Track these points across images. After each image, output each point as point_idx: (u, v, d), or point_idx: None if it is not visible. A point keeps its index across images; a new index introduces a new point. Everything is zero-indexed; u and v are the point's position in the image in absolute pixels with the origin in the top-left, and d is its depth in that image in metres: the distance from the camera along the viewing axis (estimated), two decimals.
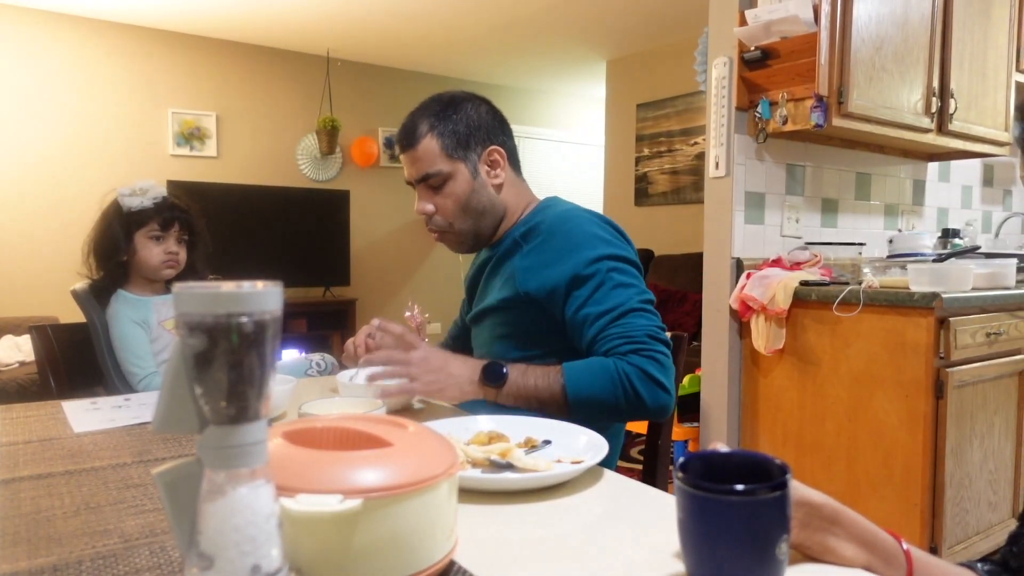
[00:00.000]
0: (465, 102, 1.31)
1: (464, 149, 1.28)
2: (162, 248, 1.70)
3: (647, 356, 1.12)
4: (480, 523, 0.70)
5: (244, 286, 0.40)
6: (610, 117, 5.54)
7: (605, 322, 1.16)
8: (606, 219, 1.32)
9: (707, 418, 2.57)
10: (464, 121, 1.28)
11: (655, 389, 1.11)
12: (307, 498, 0.50)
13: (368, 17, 4.50)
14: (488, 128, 1.31)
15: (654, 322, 1.18)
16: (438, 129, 1.27)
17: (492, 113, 1.34)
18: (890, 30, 2.37)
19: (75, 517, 0.69)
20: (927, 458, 2.02)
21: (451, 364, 1.14)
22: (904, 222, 3.11)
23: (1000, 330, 2.19)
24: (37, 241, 4.31)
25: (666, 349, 1.15)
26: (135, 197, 1.68)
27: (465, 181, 1.28)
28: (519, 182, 1.38)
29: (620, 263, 1.22)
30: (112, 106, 4.58)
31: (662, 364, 1.13)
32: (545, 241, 1.26)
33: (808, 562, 0.61)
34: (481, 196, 1.30)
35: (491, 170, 1.32)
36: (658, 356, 1.13)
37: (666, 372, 1.13)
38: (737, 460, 0.58)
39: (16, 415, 1.14)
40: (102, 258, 1.69)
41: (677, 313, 4.21)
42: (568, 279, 1.20)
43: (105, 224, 1.69)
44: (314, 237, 5.02)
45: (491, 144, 1.31)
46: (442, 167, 1.27)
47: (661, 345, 1.15)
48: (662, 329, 1.18)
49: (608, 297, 1.18)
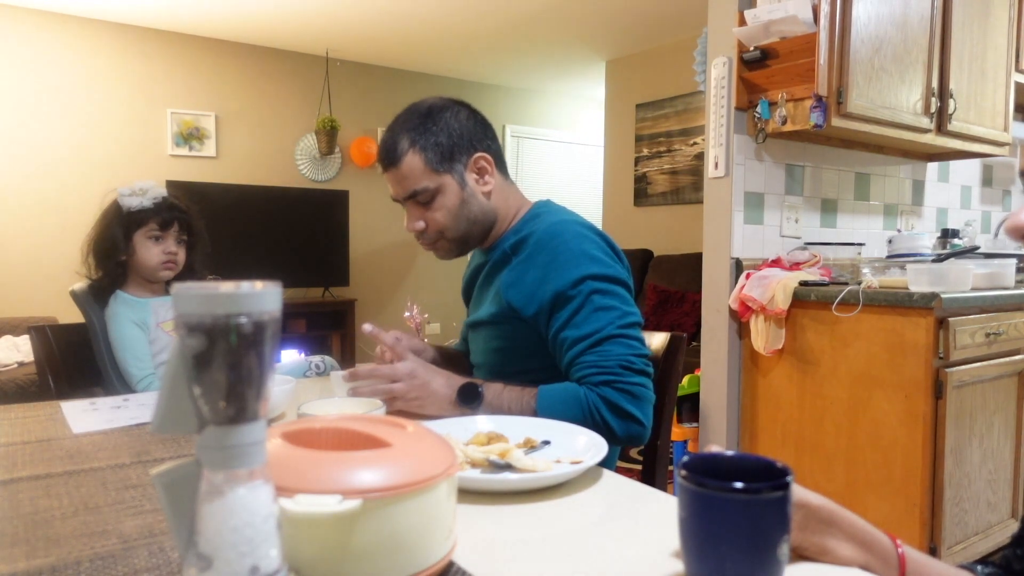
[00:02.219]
0: (444, 111, 1.26)
1: (449, 161, 1.24)
2: (161, 248, 1.70)
3: (618, 388, 1.10)
4: (479, 523, 0.70)
5: (243, 286, 0.40)
6: (609, 117, 5.54)
7: (581, 348, 1.14)
8: (598, 232, 1.27)
9: (706, 418, 2.57)
10: (446, 131, 1.24)
11: (626, 421, 1.10)
12: (306, 498, 0.50)
13: (368, 17, 4.50)
14: (471, 135, 1.26)
15: (633, 350, 1.14)
16: (420, 143, 1.22)
17: (473, 117, 1.29)
18: (889, 30, 2.38)
19: (74, 518, 0.69)
20: (926, 458, 2.02)
21: (434, 381, 1.13)
22: (903, 222, 3.11)
23: (999, 330, 2.19)
24: (36, 241, 4.31)
25: (642, 379, 1.13)
26: (135, 197, 1.68)
27: (454, 193, 1.25)
28: (508, 185, 1.34)
29: (605, 283, 1.18)
30: (111, 106, 4.57)
31: (635, 395, 1.11)
32: (531, 256, 1.23)
33: (806, 561, 0.61)
34: (472, 206, 1.27)
35: (480, 178, 1.28)
36: (631, 388, 1.11)
37: (639, 403, 1.11)
38: (739, 462, 0.58)
39: (15, 416, 1.14)
40: (101, 258, 1.69)
41: (676, 313, 4.21)
42: (551, 298, 1.18)
43: (104, 224, 1.69)
44: (313, 237, 5.01)
45: (476, 151, 1.26)
46: (428, 183, 1.23)
47: (635, 375, 1.12)
48: (642, 357, 1.15)
49: (587, 321, 1.15)
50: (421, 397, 1.12)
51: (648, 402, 1.14)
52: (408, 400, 1.11)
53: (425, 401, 1.12)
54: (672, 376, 1.39)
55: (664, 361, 1.40)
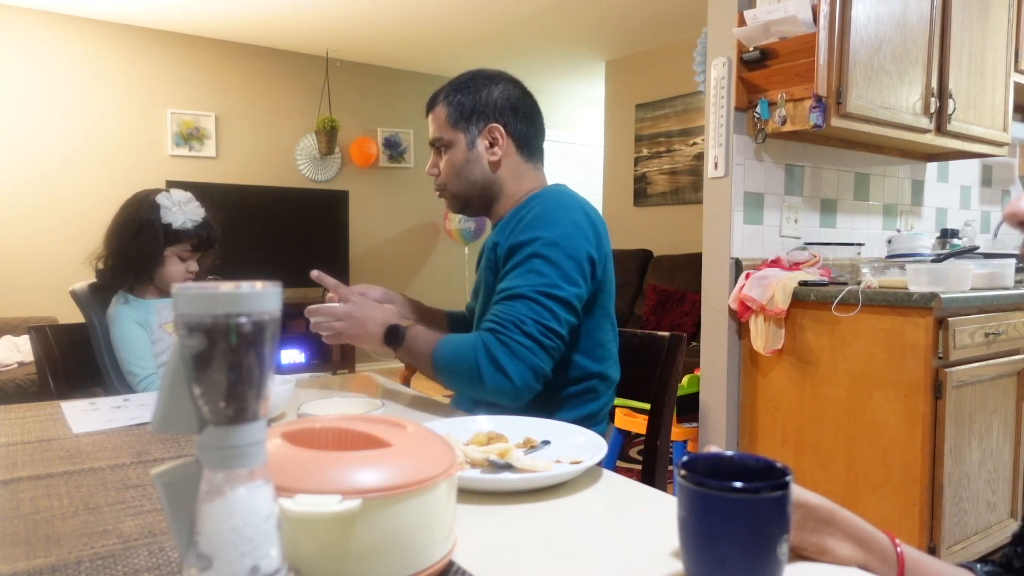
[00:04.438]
0: (488, 80, 1.37)
1: (466, 122, 1.35)
2: (186, 267, 1.70)
3: (501, 340, 1.15)
4: (479, 523, 0.70)
5: (243, 287, 0.40)
6: (609, 117, 5.54)
7: (496, 300, 1.22)
8: (588, 213, 1.30)
9: (706, 418, 2.57)
10: (474, 96, 1.35)
11: (495, 372, 1.14)
12: (306, 498, 0.50)
13: (367, 17, 4.50)
14: (495, 108, 1.35)
15: (536, 315, 1.17)
16: (450, 99, 1.36)
17: (509, 97, 1.37)
18: (889, 31, 2.38)
19: (74, 518, 0.69)
20: (926, 458, 2.02)
21: (369, 321, 1.26)
22: (903, 222, 3.11)
23: (999, 330, 2.19)
24: (36, 241, 4.31)
25: (530, 342, 1.16)
26: (179, 213, 1.65)
27: (460, 152, 1.36)
28: (528, 169, 1.40)
29: (552, 250, 1.21)
30: (111, 106, 4.57)
31: (514, 352, 1.15)
32: (518, 217, 1.31)
33: (805, 561, 0.61)
34: (474, 168, 1.36)
35: (490, 147, 1.36)
36: (513, 344, 1.15)
37: (515, 361, 1.14)
38: (739, 462, 0.58)
39: (15, 415, 1.14)
40: (132, 267, 1.65)
41: (676, 313, 4.21)
42: (505, 251, 1.27)
43: (145, 237, 1.63)
44: (313, 237, 5.01)
45: (493, 122, 1.35)
46: (444, 135, 1.36)
47: (523, 336, 1.16)
48: (542, 325, 1.17)
49: (516, 278, 1.21)
50: (357, 335, 1.26)
51: (527, 365, 1.16)
52: (349, 337, 1.26)
53: (359, 339, 1.26)
54: (672, 376, 1.39)
55: (664, 361, 1.40)
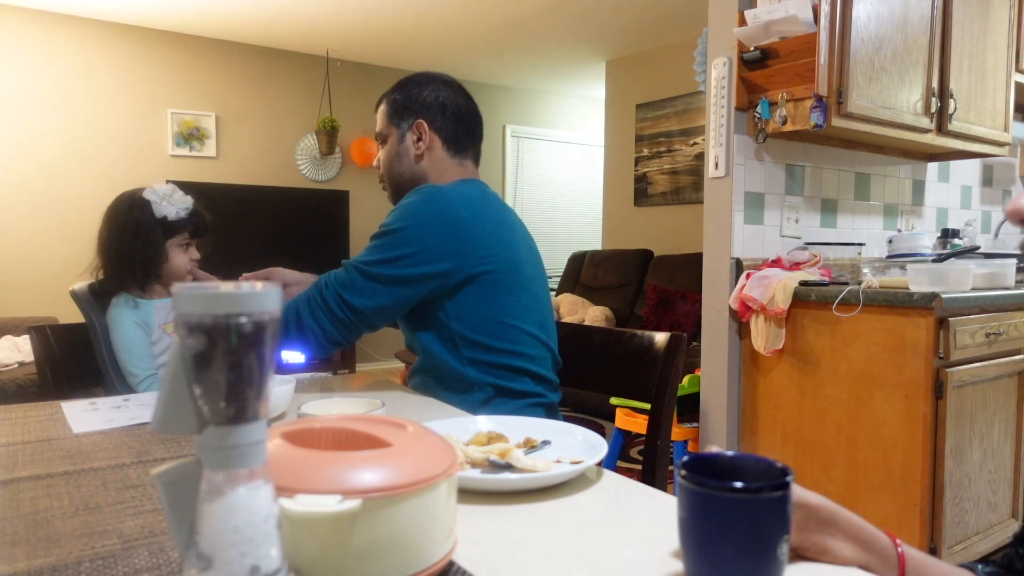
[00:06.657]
0: (425, 80, 1.48)
1: (399, 118, 1.46)
2: (188, 256, 1.72)
3: (308, 294, 1.33)
4: (479, 523, 0.70)
5: (243, 287, 0.40)
6: (610, 117, 5.54)
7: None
8: (458, 211, 1.32)
9: (706, 418, 2.57)
10: (407, 94, 1.46)
11: (296, 321, 1.33)
12: (306, 498, 0.50)
13: (368, 17, 4.50)
14: (424, 106, 1.45)
15: (338, 280, 1.31)
16: (390, 97, 1.48)
17: (439, 96, 1.46)
18: (889, 30, 2.38)
19: (74, 518, 0.69)
20: (926, 458, 2.02)
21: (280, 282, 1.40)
22: (903, 222, 3.11)
23: (999, 330, 2.19)
24: (36, 241, 4.31)
25: (321, 301, 1.31)
26: (168, 205, 1.66)
27: (392, 146, 1.47)
28: (452, 165, 1.47)
29: (391, 236, 1.31)
30: (111, 106, 4.58)
31: (310, 306, 1.32)
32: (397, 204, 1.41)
33: (805, 561, 0.61)
34: (402, 161, 1.47)
35: (416, 141, 1.45)
36: (314, 298, 1.32)
37: (311, 316, 1.31)
38: (739, 462, 0.58)
39: (15, 415, 1.14)
40: (138, 269, 1.65)
41: (676, 313, 4.21)
42: None
43: (145, 236, 1.64)
44: (313, 237, 5.01)
45: (420, 118, 1.45)
46: (383, 129, 1.48)
47: (319, 295, 1.32)
48: (342, 301, 1.30)
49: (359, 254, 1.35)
50: None
51: (318, 323, 1.31)
52: None
53: None
54: (672, 376, 1.39)
55: (664, 361, 1.40)
